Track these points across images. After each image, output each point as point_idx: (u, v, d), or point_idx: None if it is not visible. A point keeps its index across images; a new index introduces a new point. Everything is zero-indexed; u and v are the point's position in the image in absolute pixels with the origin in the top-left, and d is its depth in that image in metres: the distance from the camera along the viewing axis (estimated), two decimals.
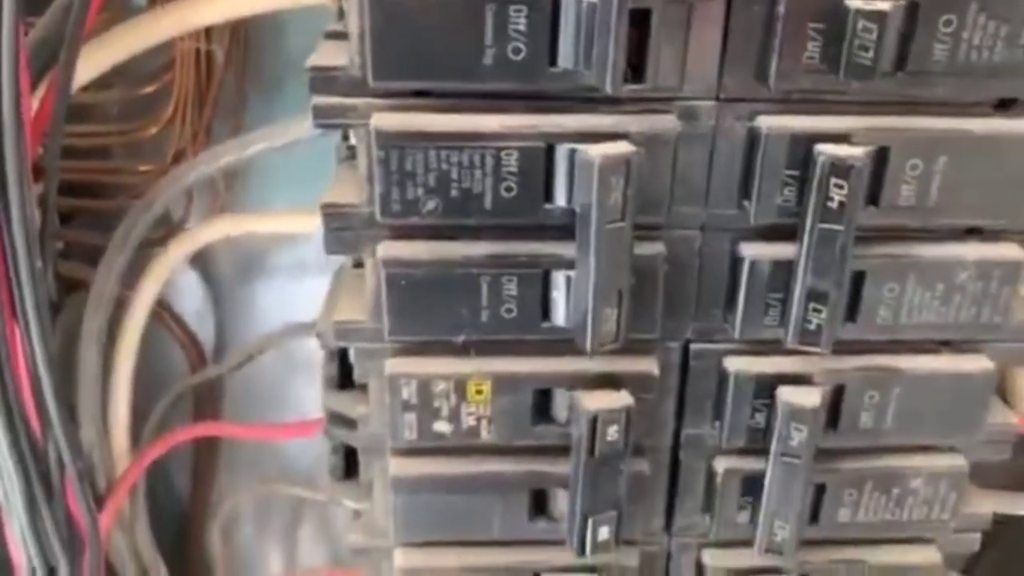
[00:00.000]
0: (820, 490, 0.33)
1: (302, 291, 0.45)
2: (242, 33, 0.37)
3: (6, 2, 0.26)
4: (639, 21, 0.25)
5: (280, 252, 0.46)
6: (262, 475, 0.49)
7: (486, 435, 0.31)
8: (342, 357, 0.35)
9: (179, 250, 0.36)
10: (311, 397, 0.49)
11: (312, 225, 0.36)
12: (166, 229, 0.39)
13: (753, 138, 0.28)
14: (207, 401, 0.48)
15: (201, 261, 0.46)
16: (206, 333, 0.48)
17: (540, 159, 0.27)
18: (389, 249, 0.29)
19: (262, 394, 0.49)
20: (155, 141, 0.39)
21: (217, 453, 0.50)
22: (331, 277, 0.35)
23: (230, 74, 0.37)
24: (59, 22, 0.30)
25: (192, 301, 0.48)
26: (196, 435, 0.43)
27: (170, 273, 0.37)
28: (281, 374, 0.48)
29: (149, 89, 0.38)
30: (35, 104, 0.30)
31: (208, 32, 0.36)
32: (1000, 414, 0.33)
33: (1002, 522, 0.36)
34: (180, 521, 0.50)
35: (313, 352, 0.44)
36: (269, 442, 0.48)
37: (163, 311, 0.45)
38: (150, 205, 0.34)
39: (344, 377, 0.35)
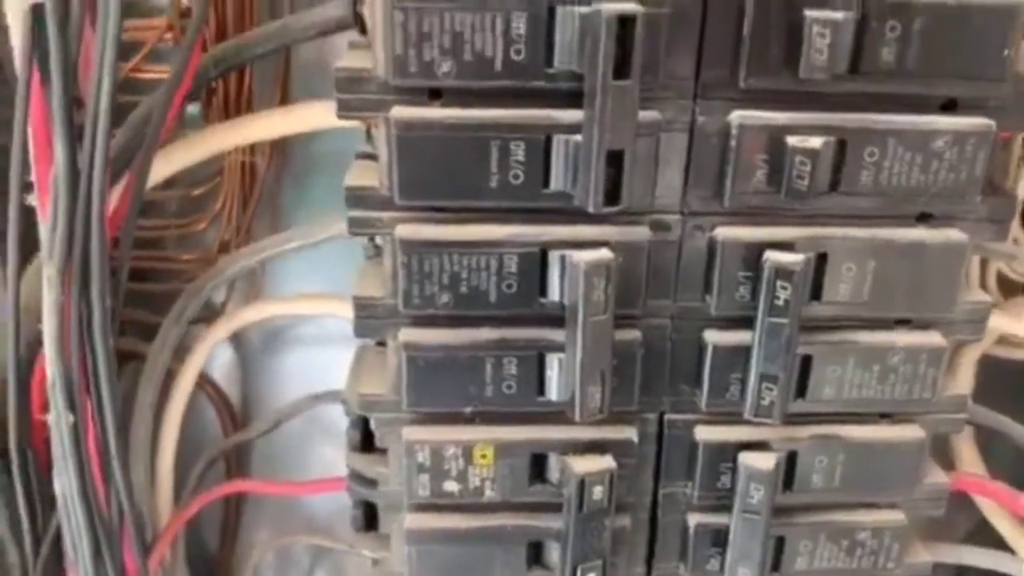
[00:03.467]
0: (780, 542, 0.38)
1: (322, 360, 0.50)
2: (281, 145, 0.43)
3: (102, 119, 0.31)
4: (616, 156, 0.30)
5: (303, 325, 0.52)
6: (283, 527, 0.54)
7: (489, 493, 0.36)
8: (363, 423, 0.40)
9: (223, 329, 0.41)
10: (327, 456, 0.54)
11: (338, 308, 0.41)
12: (208, 309, 0.45)
13: (712, 245, 0.33)
14: (236, 460, 0.52)
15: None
16: (233, 396, 0.53)
17: (536, 262, 0.33)
18: (409, 335, 0.34)
19: (283, 454, 0.53)
20: (203, 234, 0.44)
21: (243, 507, 0.54)
22: (344, 347, 0.40)
23: (269, 179, 0.43)
24: (136, 132, 0.35)
25: (221, 366, 0.53)
26: (234, 491, 0.48)
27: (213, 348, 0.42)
28: (300, 436, 0.53)
29: (200, 191, 0.44)
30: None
31: (252, 146, 0.42)
32: (934, 475, 0.38)
33: None
34: (210, 569, 0.55)
35: (328, 417, 0.50)
36: (294, 497, 0.53)
37: (201, 378, 0.50)
38: (200, 290, 0.39)
39: (365, 440, 0.40)
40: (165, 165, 0.37)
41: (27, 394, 0.36)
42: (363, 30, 0.34)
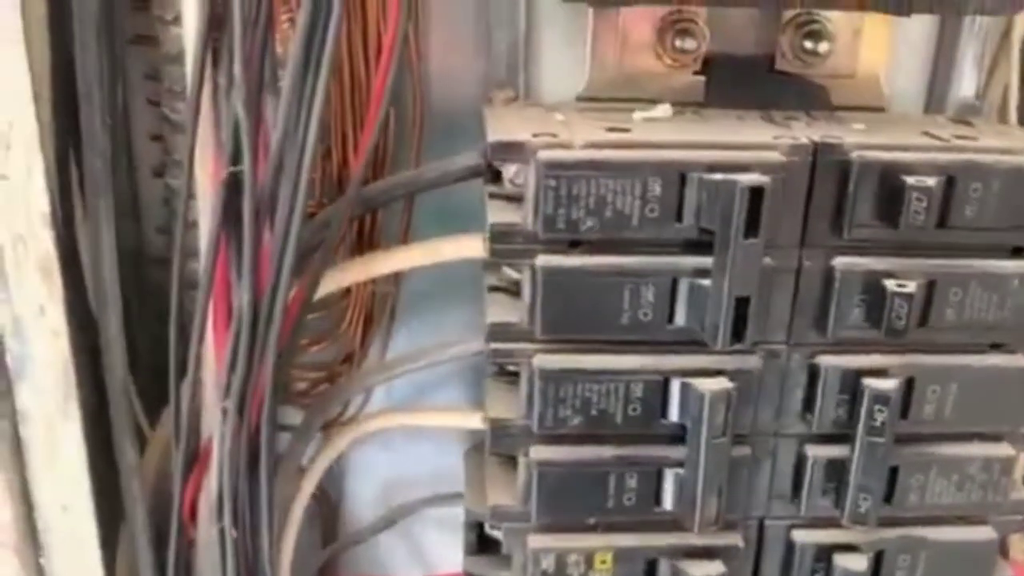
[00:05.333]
0: None
1: (411, 459, 0.54)
2: (402, 275, 0.46)
3: (293, 228, 0.35)
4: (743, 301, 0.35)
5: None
6: None
7: None
8: (479, 527, 0.43)
9: (346, 437, 0.45)
10: (401, 546, 0.56)
11: (460, 420, 0.45)
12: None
13: (813, 371, 0.37)
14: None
15: None
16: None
17: (659, 388, 0.37)
18: (540, 452, 0.38)
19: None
20: (328, 350, 0.48)
21: None
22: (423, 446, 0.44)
23: (389, 304, 0.47)
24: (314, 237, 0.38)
25: None
26: None
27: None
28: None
29: (319, 314, 0.47)
30: None
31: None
32: (1002, 570, 0.42)
33: None
34: None
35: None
36: None
37: None
38: (329, 403, 0.42)
39: (480, 543, 0.43)
40: None
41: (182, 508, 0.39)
42: (495, 179, 0.38)
